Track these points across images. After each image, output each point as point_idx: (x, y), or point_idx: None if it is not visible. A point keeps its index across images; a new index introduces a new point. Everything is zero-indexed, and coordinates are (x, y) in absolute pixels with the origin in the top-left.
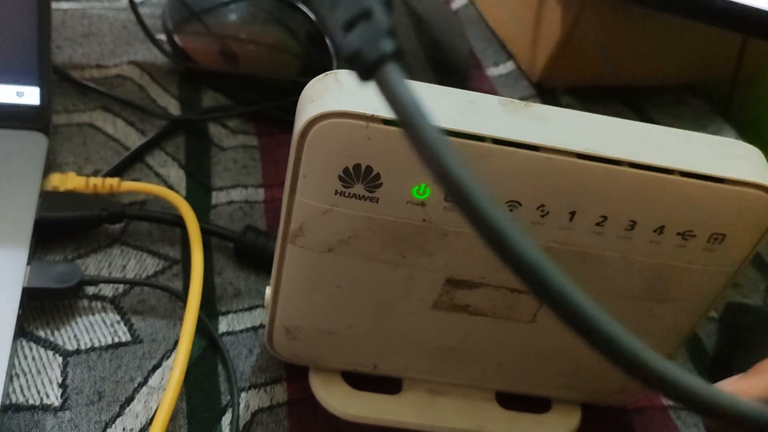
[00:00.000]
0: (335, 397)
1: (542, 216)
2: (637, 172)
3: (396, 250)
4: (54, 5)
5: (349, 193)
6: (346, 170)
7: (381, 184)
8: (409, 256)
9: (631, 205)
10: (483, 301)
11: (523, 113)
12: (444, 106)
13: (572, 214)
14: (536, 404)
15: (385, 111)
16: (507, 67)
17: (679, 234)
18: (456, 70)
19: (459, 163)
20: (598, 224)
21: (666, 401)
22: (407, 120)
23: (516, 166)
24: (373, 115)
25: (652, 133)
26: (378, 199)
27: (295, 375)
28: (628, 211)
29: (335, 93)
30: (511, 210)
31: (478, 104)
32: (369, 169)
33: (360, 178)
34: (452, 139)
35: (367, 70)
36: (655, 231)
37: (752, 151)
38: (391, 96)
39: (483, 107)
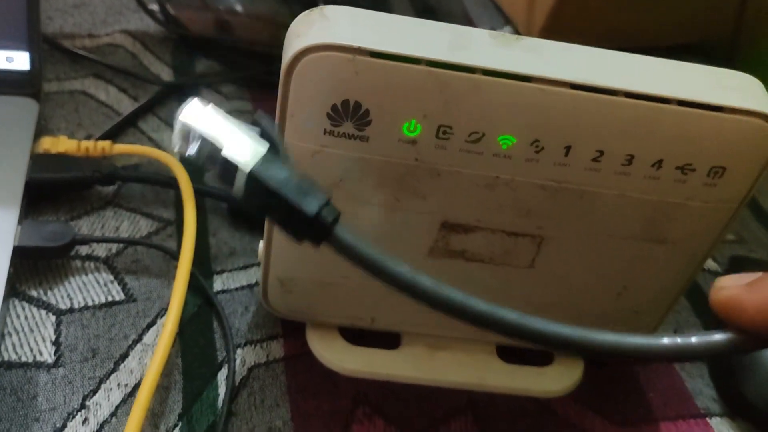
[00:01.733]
0: (332, 352)
1: (537, 152)
2: (633, 102)
3: (389, 193)
4: None
5: (339, 132)
6: (334, 107)
7: (370, 121)
8: (403, 198)
9: (628, 137)
10: (479, 246)
11: (515, 45)
12: (432, 39)
13: (568, 149)
14: (538, 357)
15: (372, 43)
16: (504, 31)
17: (678, 168)
18: None
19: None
20: (594, 159)
21: None
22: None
23: (508, 99)
24: (359, 47)
25: (649, 64)
26: (368, 137)
27: (292, 332)
28: (625, 145)
29: (321, 27)
30: (504, 147)
31: (468, 37)
32: (358, 105)
33: (349, 115)
34: (442, 71)
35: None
36: (653, 165)
37: (751, 81)
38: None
39: (473, 40)
